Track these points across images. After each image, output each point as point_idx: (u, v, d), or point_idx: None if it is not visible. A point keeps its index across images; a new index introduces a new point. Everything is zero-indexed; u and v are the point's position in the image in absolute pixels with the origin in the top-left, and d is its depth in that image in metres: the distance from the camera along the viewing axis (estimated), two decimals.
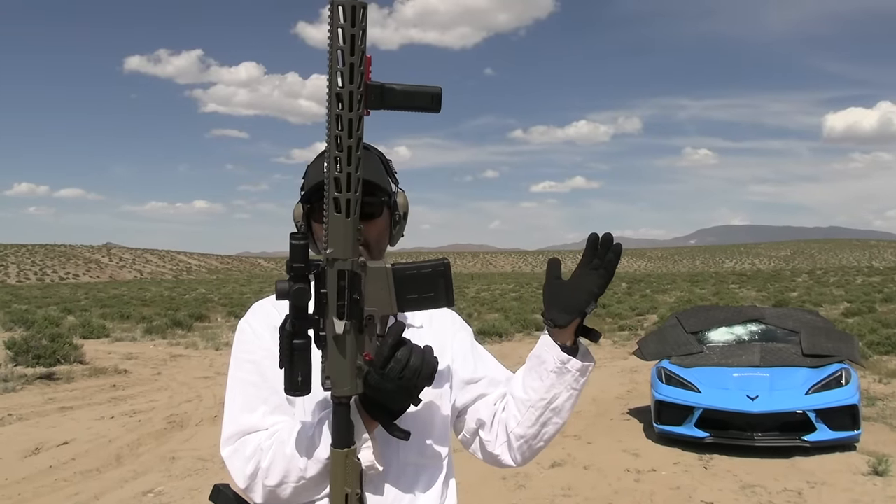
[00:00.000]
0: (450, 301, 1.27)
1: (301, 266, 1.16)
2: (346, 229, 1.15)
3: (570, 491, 5.58)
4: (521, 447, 1.47)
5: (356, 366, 1.19)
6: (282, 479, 1.30)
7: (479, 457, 1.56)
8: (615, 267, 1.33)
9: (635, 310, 25.92)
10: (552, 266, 1.40)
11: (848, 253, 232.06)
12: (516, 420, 1.45)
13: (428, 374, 1.21)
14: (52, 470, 6.09)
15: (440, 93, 1.20)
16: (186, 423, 7.97)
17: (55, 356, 11.48)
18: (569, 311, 1.34)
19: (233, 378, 1.43)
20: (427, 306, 1.26)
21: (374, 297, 1.20)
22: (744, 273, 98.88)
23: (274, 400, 1.37)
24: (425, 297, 1.24)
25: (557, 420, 1.44)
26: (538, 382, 1.41)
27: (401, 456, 1.38)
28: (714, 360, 7.52)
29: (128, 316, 23.96)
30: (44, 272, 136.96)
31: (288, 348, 1.18)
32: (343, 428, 1.21)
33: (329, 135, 1.13)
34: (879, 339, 13.57)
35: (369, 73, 1.13)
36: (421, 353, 1.21)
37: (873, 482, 5.62)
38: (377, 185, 1.41)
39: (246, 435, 1.36)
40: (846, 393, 6.57)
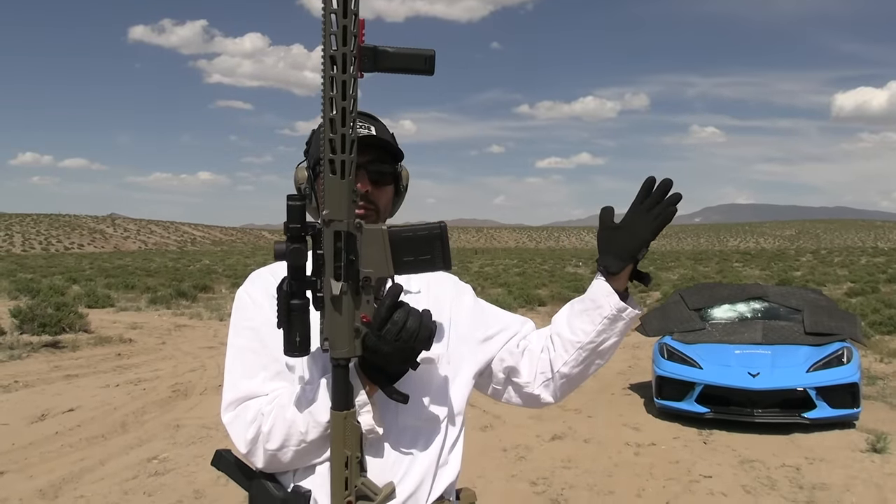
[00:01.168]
0: (447, 264, 1.27)
1: (297, 227, 1.17)
2: (342, 190, 1.16)
3: (571, 463, 5.63)
4: (563, 385, 1.53)
5: (354, 328, 1.19)
6: (283, 442, 1.31)
7: (515, 402, 1.58)
8: (673, 214, 1.36)
9: (638, 286, 25.95)
10: (605, 214, 1.43)
11: (853, 233, 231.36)
12: (563, 360, 1.49)
13: (425, 337, 1.21)
14: (57, 436, 6.16)
15: (433, 55, 1.22)
16: (191, 391, 8.03)
17: (60, 325, 11.56)
18: (622, 257, 1.39)
19: (232, 346, 1.43)
20: (423, 269, 1.26)
21: (370, 259, 1.20)
22: (748, 252, 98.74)
23: (274, 367, 1.37)
24: (421, 259, 1.24)
25: (600, 361, 1.51)
26: (590, 326, 1.45)
27: (400, 419, 1.39)
28: (716, 336, 7.54)
29: (132, 286, 24.09)
30: (49, 242, 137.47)
31: (285, 309, 1.19)
32: (341, 390, 1.22)
33: (324, 97, 1.14)
34: (882, 319, 13.58)
35: (363, 36, 1.14)
36: (418, 316, 1.21)
37: (871, 459, 5.65)
38: (393, 151, 1.45)
39: (246, 401, 1.36)
40: (847, 371, 6.59)
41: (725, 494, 4.93)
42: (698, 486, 5.12)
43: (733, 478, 5.29)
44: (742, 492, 4.99)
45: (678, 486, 5.11)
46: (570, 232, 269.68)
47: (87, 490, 4.87)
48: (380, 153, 1.42)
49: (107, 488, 4.91)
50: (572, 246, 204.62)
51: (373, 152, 1.41)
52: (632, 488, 5.08)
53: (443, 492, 1.43)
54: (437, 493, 1.42)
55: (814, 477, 5.27)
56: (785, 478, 5.27)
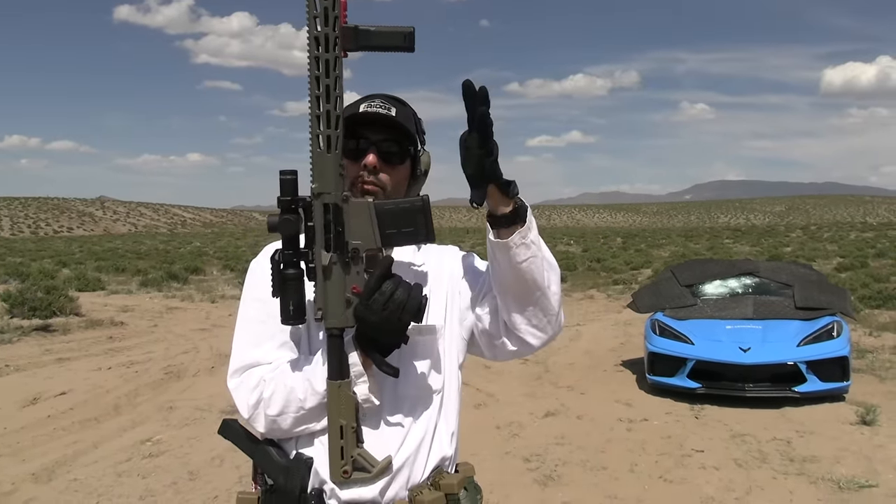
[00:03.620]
0: (430, 236, 1.31)
1: (288, 199, 1.23)
2: (329, 164, 1.22)
3: (564, 440, 5.66)
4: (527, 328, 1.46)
5: (345, 298, 1.24)
6: (282, 409, 1.35)
7: (511, 350, 1.51)
8: (482, 115, 1.21)
9: (630, 264, 26.02)
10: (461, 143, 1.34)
11: (843, 208, 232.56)
12: (507, 309, 1.45)
13: (413, 309, 1.24)
14: (50, 419, 6.15)
15: (413, 32, 1.25)
16: (183, 373, 8.02)
17: (51, 308, 11.48)
18: (474, 185, 1.30)
19: (241, 317, 1.48)
20: (407, 241, 1.30)
21: (357, 231, 1.25)
22: (738, 228, 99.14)
23: (280, 336, 1.42)
24: (405, 231, 1.28)
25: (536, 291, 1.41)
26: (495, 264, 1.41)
27: (398, 389, 1.41)
28: (707, 312, 7.58)
29: (123, 269, 23.97)
30: (37, 225, 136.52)
31: (279, 278, 1.25)
32: (336, 360, 1.26)
33: (310, 75, 1.20)
34: (871, 293, 13.69)
35: (344, 16, 1.20)
36: (408, 288, 1.24)
37: (861, 431, 5.71)
38: (406, 133, 1.46)
39: (251, 368, 1.41)
40: (837, 345, 6.64)
41: (717, 468, 4.98)
42: (690, 460, 5.17)
43: (725, 451, 5.33)
44: (734, 465, 5.03)
45: (670, 461, 5.15)
46: (562, 210, 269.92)
47: (81, 473, 4.87)
48: (393, 133, 1.44)
49: (100, 471, 4.91)
50: (564, 224, 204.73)
51: (386, 131, 1.44)
52: (624, 463, 5.12)
53: (439, 462, 1.45)
54: (433, 464, 1.44)
55: (804, 450, 5.32)
56: (776, 451, 5.31)
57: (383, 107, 1.44)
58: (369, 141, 1.43)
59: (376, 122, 1.43)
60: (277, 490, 1.38)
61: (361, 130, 1.43)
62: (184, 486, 4.67)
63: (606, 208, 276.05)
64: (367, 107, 1.44)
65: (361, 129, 1.43)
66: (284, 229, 1.23)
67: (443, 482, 1.42)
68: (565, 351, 9.56)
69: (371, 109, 1.43)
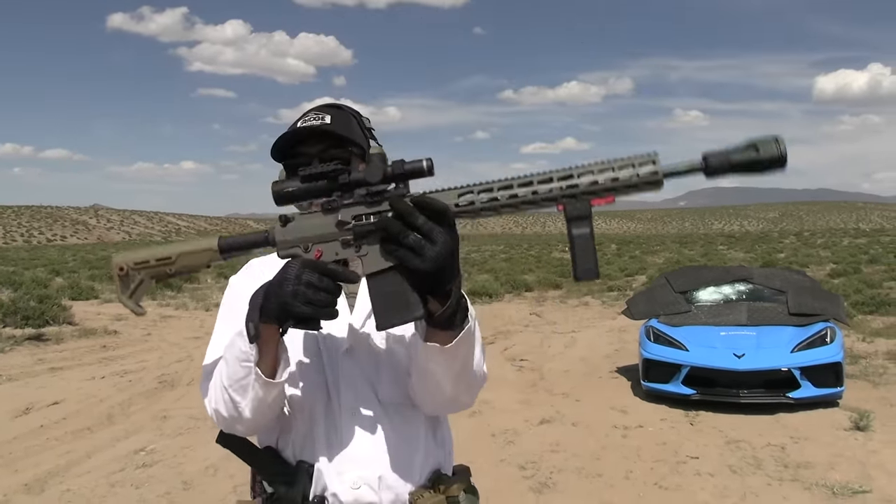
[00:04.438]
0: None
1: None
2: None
3: (559, 447, 5.66)
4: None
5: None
6: (222, 389, 1.33)
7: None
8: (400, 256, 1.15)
9: (624, 270, 26.07)
10: None
11: (835, 215, 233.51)
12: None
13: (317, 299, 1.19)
14: (43, 429, 6.12)
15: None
16: (177, 382, 7.99)
17: (44, 317, 11.42)
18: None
19: (214, 333, 1.49)
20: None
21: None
22: (732, 234, 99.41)
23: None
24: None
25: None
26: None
27: (381, 395, 1.42)
28: (702, 318, 7.59)
29: None
30: (30, 234, 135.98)
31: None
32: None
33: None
34: (864, 299, 13.75)
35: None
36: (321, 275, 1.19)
37: (854, 437, 5.73)
38: (343, 138, 1.43)
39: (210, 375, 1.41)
40: (830, 351, 6.66)
41: (712, 474, 4.98)
42: (685, 466, 5.17)
43: (720, 458, 5.34)
44: (728, 471, 5.04)
45: (665, 468, 5.15)
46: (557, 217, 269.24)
47: (74, 483, 4.84)
48: (332, 141, 1.43)
49: (94, 481, 4.88)
50: (559, 231, 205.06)
51: (325, 141, 1.42)
52: (620, 470, 5.11)
53: (435, 466, 1.46)
54: (430, 468, 1.45)
55: (798, 456, 5.33)
56: (770, 457, 5.32)
57: (317, 118, 1.43)
58: (308, 155, 1.41)
59: (312, 135, 1.42)
60: (278, 499, 1.38)
61: (300, 148, 1.42)
62: (178, 496, 4.64)
63: (601, 215, 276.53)
64: (302, 123, 1.44)
65: (300, 147, 1.42)
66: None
67: (443, 486, 1.43)
68: (560, 358, 9.57)
69: (305, 125, 1.43)
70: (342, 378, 1.41)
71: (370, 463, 1.38)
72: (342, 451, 1.37)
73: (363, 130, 1.49)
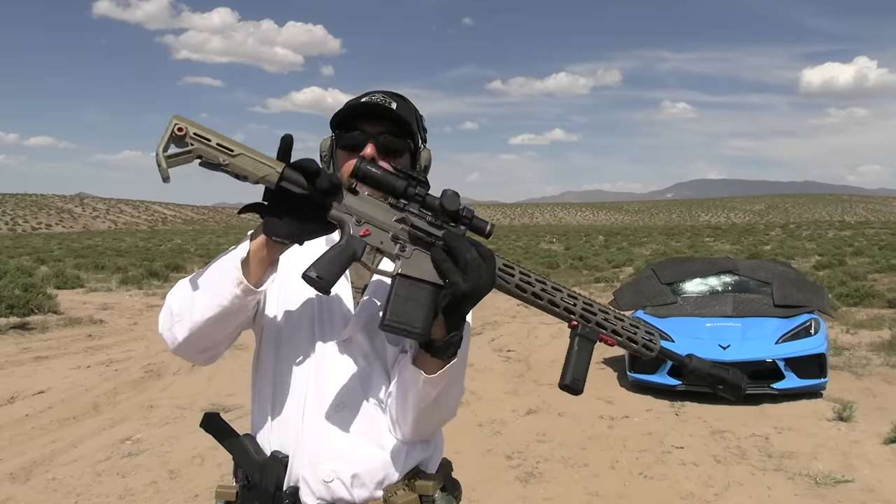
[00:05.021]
0: None
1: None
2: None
3: (545, 437, 5.69)
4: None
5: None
6: (179, 308, 1.32)
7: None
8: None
9: (611, 262, 26.17)
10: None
11: (821, 207, 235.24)
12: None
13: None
14: (28, 418, 6.08)
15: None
16: (164, 372, 7.96)
17: (29, 306, 11.33)
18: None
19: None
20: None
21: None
22: (719, 227, 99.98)
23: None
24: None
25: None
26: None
27: (367, 392, 1.41)
28: (688, 310, 7.64)
29: (102, 266, 23.71)
30: (15, 222, 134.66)
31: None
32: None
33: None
34: (848, 291, 13.87)
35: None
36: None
37: (837, 427, 5.79)
38: (405, 127, 1.44)
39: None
40: (815, 342, 6.72)
41: (697, 464, 5.03)
42: (670, 456, 5.21)
43: (704, 448, 5.39)
44: (713, 461, 5.08)
45: (651, 458, 5.19)
46: (545, 208, 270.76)
47: (60, 472, 4.82)
48: (393, 127, 1.43)
49: (79, 470, 4.86)
50: (546, 222, 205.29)
51: (385, 124, 1.43)
52: (605, 460, 5.15)
53: (415, 463, 1.44)
54: (410, 465, 1.43)
55: (782, 445, 5.39)
56: (754, 447, 5.38)
57: (385, 100, 1.44)
58: (367, 133, 1.42)
59: (376, 114, 1.42)
60: (254, 486, 1.38)
61: (360, 123, 1.43)
62: (164, 485, 4.64)
63: (589, 206, 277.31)
64: (369, 98, 1.44)
65: (360, 122, 1.43)
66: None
67: (419, 483, 1.41)
68: (547, 349, 9.61)
69: (373, 100, 1.43)
70: (333, 370, 1.40)
71: (347, 458, 1.37)
72: (321, 444, 1.37)
73: (419, 128, 1.51)
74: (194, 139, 1.15)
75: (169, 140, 1.14)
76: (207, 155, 1.15)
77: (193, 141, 1.15)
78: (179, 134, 1.14)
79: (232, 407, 6.25)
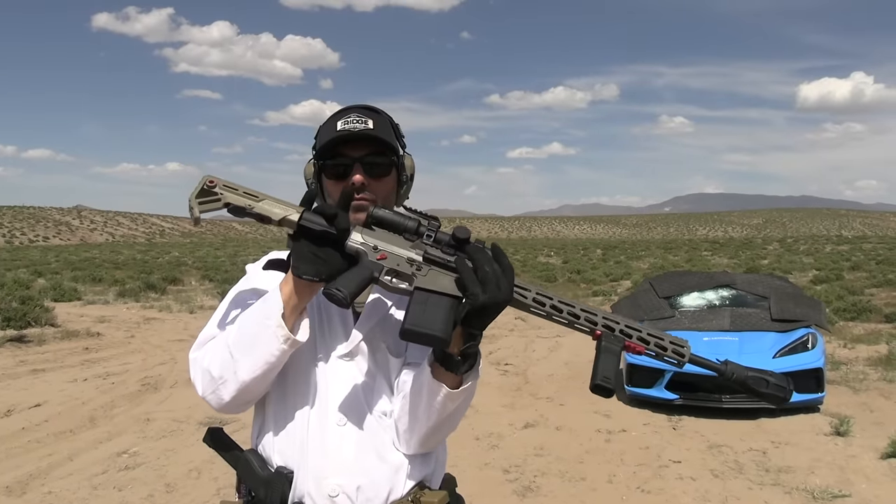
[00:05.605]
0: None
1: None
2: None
3: (543, 451, 5.68)
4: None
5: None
6: (220, 371, 1.34)
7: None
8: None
9: (609, 275, 26.19)
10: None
11: (818, 222, 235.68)
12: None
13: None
14: (24, 431, 6.06)
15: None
16: (161, 385, 7.95)
17: (26, 319, 11.32)
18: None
19: (220, 306, 1.50)
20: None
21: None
22: (716, 241, 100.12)
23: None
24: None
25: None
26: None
27: (371, 406, 1.41)
28: (685, 324, 7.65)
29: (100, 279, 23.69)
30: (12, 234, 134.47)
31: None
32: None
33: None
34: (846, 305, 13.89)
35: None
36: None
37: (835, 442, 5.80)
38: (388, 145, 1.45)
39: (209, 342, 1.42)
40: (812, 357, 6.73)
41: (694, 479, 5.02)
42: (668, 471, 5.21)
43: (702, 462, 5.38)
44: (710, 476, 5.08)
45: (648, 472, 5.19)
46: (542, 222, 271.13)
47: (56, 486, 4.80)
48: (375, 146, 1.44)
49: (76, 483, 4.85)
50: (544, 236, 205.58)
51: (368, 146, 1.44)
52: (603, 474, 5.15)
53: (420, 479, 1.44)
54: (414, 481, 1.43)
55: (779, 460, 5.39)
56: (752, 461, 5.38)
57: (360, 120, 1.44)
58: (352, 158, 1.43)
59: (357, 138, 1.43)
60: (258, 502, 1.38)
61: (342, 149, 1.43)
62: (160, 498, 4.62)
63: (586, 220, 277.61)
64: (344, 123, 1.44)
65: (342, 148, 1.43)
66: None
67: (424, 499, 1.41)
68: (545, 362, 9.60)
69: (348, 126, 1.43)
70: (336, 385, 1.40)
71: (352, 472, 1.37)
72: (325, 459, 1.37)
73: (397, 137, 1.52)
74: (223, 189, 1.30)
75: (200, 190, 1.30)
76: (234, 201, 1.30)
77: (222, 191, 1.30)
78: (210, 186, 1.30)
79: (229, 420, 6.21)
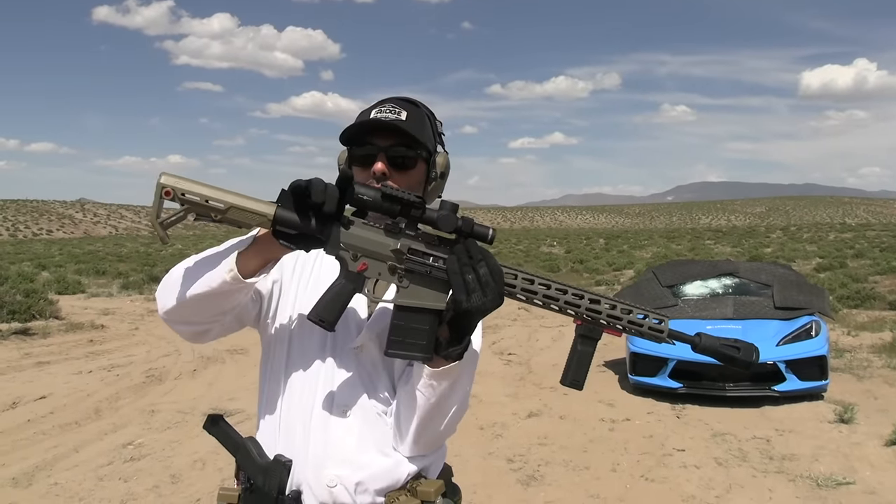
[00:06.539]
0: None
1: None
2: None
3: (546, 440, 5.69)
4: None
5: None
6: (178, 275, 1.34)
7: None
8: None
9: (612, 265, 26.19)
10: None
11: (822, 210, 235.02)
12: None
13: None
14: (30, 423, 6.09)
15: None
16: (165, 376, 7.97)
17: (30, 312, 11.36)
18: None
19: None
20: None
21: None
22: (720, 229, 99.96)
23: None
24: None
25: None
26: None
27: (371, 396, 1.42)
28: (688, 312, 7.64)
29: (104, 272, 23.75)
30: (16, 228, 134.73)
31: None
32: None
33: None
34: (849, 293, 13.88)
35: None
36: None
37: (839, 430, 5.79)
38: (414, 139, 1.43)
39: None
40: (815, 344, 6.73)
41: (698, 467, 5.03)
42: (672, 459, 5.21)
43: (706, 450, 5.39)
44: (714, 464, 5.09)
45: (652, 460, 5.20)
46: (545, 212, 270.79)
47: (62, 477, 4.82)
48: (402, 138, 1.43)
49: (81, 475, 4.87)
50: (547, 226, 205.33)
51: (394, 137, 1.43)
52: (607, 463, 5.15)
53: (418, 469, 1.45)
54: (412, 470, 1.43)
55: (783, 448, 5.39)
56: (756, 449, 5.38)
57: (392, 111, 1.44)
58: (377, 147, 1.42)
59: (385, 128, 1.42)
60: (256, 490, 1.39)
61: (370, 137, 1.43)
62: (166, 489, 4.64)
63: (589, 210, 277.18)
64: (378, 112, 1.44)
65: (370, 136, 1.43)
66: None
67: (420, 489, 1.42)
68: (548, 352, 9.61)
69: (379, 115, 1.43)
70: (342, 377, 1.41)
71: (352, 463, 1.38)
72: (326, 449, 1.37)
73: (434, 133, 1.50)
74: (184, 200, 1.19)
75: (161, 203, 1.20)
76: (200, 213, 1.20)
77: (183, 201, 1.19)
78: (168, 197, 1.19)
79: (233, 411, 6.25)
